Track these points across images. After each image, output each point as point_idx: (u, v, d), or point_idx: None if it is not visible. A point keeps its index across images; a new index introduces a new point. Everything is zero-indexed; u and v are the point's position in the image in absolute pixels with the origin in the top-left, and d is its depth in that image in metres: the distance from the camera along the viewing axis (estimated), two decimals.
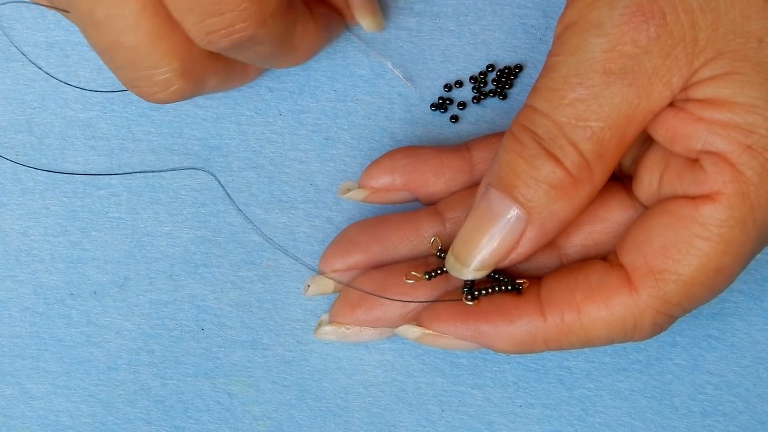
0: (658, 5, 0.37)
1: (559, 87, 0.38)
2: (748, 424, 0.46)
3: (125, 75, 0.40)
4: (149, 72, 0.39)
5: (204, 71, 0.41)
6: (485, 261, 0.40)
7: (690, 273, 0.38)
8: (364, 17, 0.46)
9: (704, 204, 0.38)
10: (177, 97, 0.41)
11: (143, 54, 0.38)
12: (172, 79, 0.40)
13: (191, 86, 0.41)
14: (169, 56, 0.39)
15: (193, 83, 0.41)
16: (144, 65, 0.39)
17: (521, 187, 0.39)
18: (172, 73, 0.39)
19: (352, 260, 0.44)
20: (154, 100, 0.41)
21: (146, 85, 0.40)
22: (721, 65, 0.37)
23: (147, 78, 0.39)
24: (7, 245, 0.47)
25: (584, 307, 0.40)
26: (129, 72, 0.39)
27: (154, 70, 0.39)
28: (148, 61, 0.39)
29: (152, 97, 0.41)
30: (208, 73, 0.41)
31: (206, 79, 0.41)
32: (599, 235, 0.42)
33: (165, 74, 0.39)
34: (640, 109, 0.38)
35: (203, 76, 0.41)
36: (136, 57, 0.39)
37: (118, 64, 0.39)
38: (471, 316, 0.41)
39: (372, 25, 0.47)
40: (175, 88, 0.40)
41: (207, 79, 0.41)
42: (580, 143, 0.38)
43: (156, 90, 0.40)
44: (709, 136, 0.37)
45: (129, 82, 0.40)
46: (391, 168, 0.44)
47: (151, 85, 0.40)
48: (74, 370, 0.47)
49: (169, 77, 0.40)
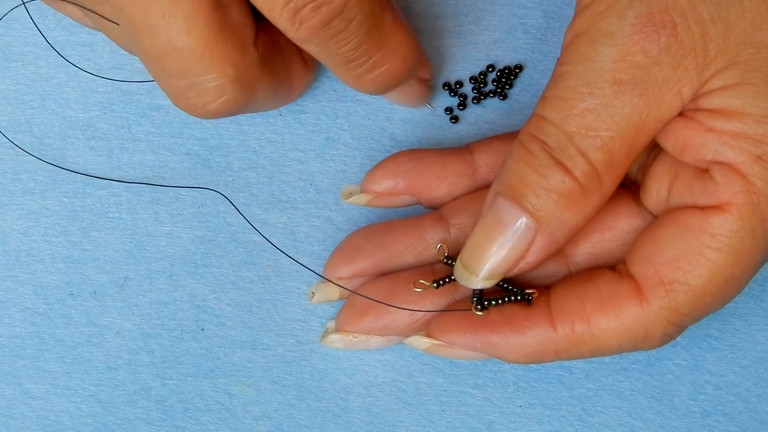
0: (668, 15, 0.37)
1: (569, 97, 0.38)
2: (748, 424, 0.46)
3: (176, 84, 0.38)
4: (201, 78, 0.38)
5: (256, 81, 0.40)
6: (494, 270, 0.40)
7: (700, 283, 0.38)
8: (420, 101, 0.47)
9: (714, 214, 0.38)
10: (229, 108, 0.39)
11: (197, 58, 0.37)
12: (225, 87, 0.38)
13: (243, 96, 0.39)
14: (223, 61, 0.38)
15: (245, 93, 0.39)
16: (197, 71, 0.38)
17: (530, 196, 0.39)
18: (225, 79, 0.38)
19: (357, 267, 0.44)
20: (205, 112, 0.39)
21: (197, 95, 0.39)
22: (732, 75, 0.37)
23: (199, 85, 0.38)
24: (7, 245, 0.47)
25: (595, 318, 0.40)
26: (180, 80, 0.38)
27: (206, 76, 0.38)
28: (201, 66, 0.38)
29: (203, 109, 0.39)
30: (260, 85, 0.40)
31: (257, 90, 0.40)
32: (607, 243, 0.42)
33: (217, 81, 0.38)
34: (650, 119, 0.38)
35: (255, 86, 0.40)
36: (189, 61, 0.37)
37: (169, 71, 0.38)
38: (481, 327, 0.41)
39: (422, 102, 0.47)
40: (227, 98, 0.39)
41: (258, 91, 0.40)
42: (589, 153, 0.38)
43: (208, 100, 0.39)
44: (719, 146, 0.37)
45: (179, 92, 0.39)
46: (394, 172, 0.44)
47: (203, 94, 0.38)
48: (74, 370, 0.47)
49: (222, 84, 0.38)
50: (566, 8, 0.48)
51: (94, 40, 0.48)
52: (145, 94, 0.48)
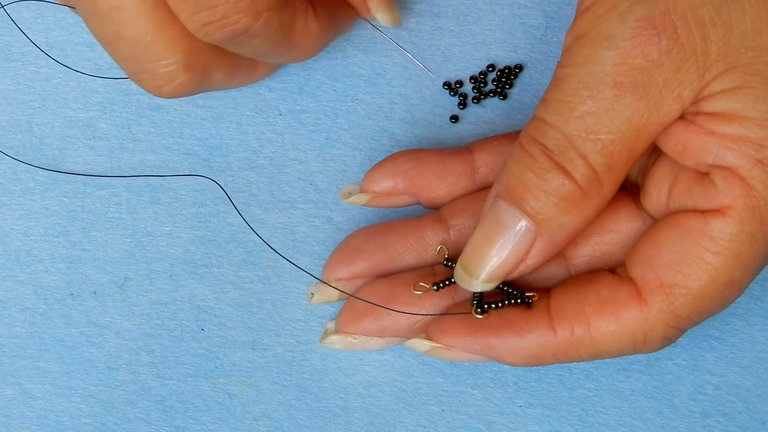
0: (669, 18, 0.37)
1: (569, 99, 0.38)
2: (748, 424, 0.46)
3: (129, 67, 0.40)
4: (152, 65, 0.39)
5: (209, 65, 0.41)
6: (494, 272, 0.40)
7: (700, 287, 0.38)
8: (380, 11, 0.46)
9: (714, 218, 0.38)
10: (182, 91, 0.40)
11: (145, 46, 0.38)
12: (176, 72, 0.39)
13: (196, 80, 0.40)
14: (172, 48, 0.39)
15: (197, 76, 0.40)
16: (147, 58, 0.39)
17: (530, 199, 0.39)
18: (175, 65, 0.39)
19: (356, 269, 0.44)
20: (159, 93, 0.40)
21: (150, 78, 0.40)
22: (733, 79, 0.37)
23: (150, 71, 0.39)
24: (7, 245, 0.47)
25: (594, 321, 0.40)
26: (132, 65, 0.39)
27: (157, 63, 0.39)
28: (151, 53, 0.39)
29: (157, 91, 0.40)
30: (213, 68, 0.41)
31: (211, 73, 0.41)
32: (607, 246, 0.42)
33: (168, 67, 0.39)
34: (651, 122, 0.38)
35: (208, 70, 0.41)
36: (138, 49, 0.38)
37: (121, 57, 0.39)
38: (480, 330, 0.41)
39: (389, 19, 0.46)
40: (179, 82, 0.40)
41: (212, 73, 0.41)
42: (589, 156, 0.38)
43: (160, 83, 0.40)
44: (719, 150, 0.37)
45: (134, 74, 0.40)
46: (393, 172, 0.44)
47: (155, 78, 0.40)
48: (74, 370, 0.47)
49: (173, 70, 0.39)
50: (566, 8, 0.48)
51: (94, 40, 0.48)
52: (145, 94, 0.48)
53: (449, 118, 0.48)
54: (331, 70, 0.48)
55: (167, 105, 0.48)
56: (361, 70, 0.48)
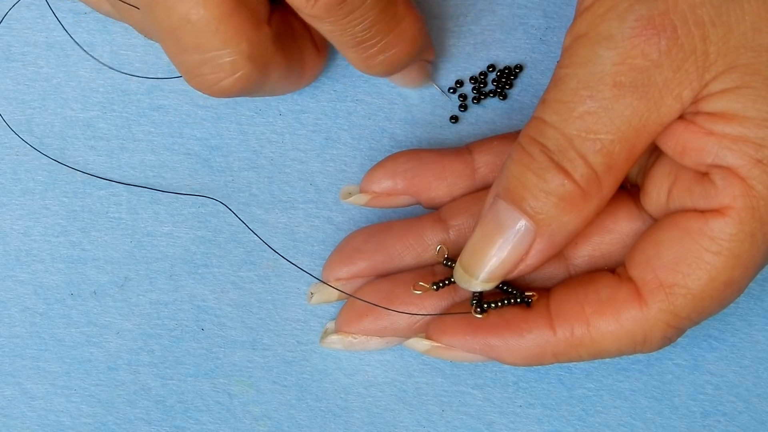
0: (668, 18, 0.37)
1: (569, 99, 0.38)
2: (748, 424, 0.46)
3: (190, 59, 0.39)
4: (216, 53, 0.38)
5: (270, 59, 0.40)
6: (494, 272, 0.40)
7: (699, 287, 0.39)
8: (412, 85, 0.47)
9: (714, 218, 0.38)
10: (242, 85, 0.40)
11: (212, 32, 0.38)
12: (239, 63, 0.39)
13: (257, 73, 0.40)
14: (238, 36, 0.38)
15: (258, 70, 0.40)
16: (212, 45, 0.38)
17: (530, 199, 0.39)
18: (239, 55, 0.39)
19: (356, 268, 0.44)
20: (218, 89, 0.40)
21: (211, 71, 0.39)
22: (732, 79, 0.37)
23: (213, 60, 0.39)
24: (7, 245, 0.47)
25: (594, 321, 0.40)
26: (194, 55, 0.38)
27: (221, 51, 0.38)
28: (216, 40, 0.38)
29: (216, 86, 0.40)
30: (272, 64, 0.40)
31: (270, 69, 0.40)
32: (607, 246, 0.42)
33: (232, 56, 0.39)
34: (650, 122, 0.38)
35: (269, 64, 0.40)
36: (204, 35, 0.38)
37: (183, 46, 0.38)
38: (480, 329, 0.41)
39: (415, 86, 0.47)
40: (240, 74, 0.39)
41: (271, 70, 0.40)
42: (589, 156, 0.38)
43: (222, 76, 0.39)
44: (719, 150, 0.37)
45: (194, 67, 0.39)
46: (393, 172, 0.44)
47: (217, 69, 0.39)
48: (74, 370, 0.47)
49: (236, 60, 0.39)
50: (566, 8, 0.48)
51: (95, 40, 0.48)
52: (145, 94, 0.48)
53: (449, 118, 0.48)
54: (331, 70, 0.48)
55: (167, 105, 0.48)
56: None
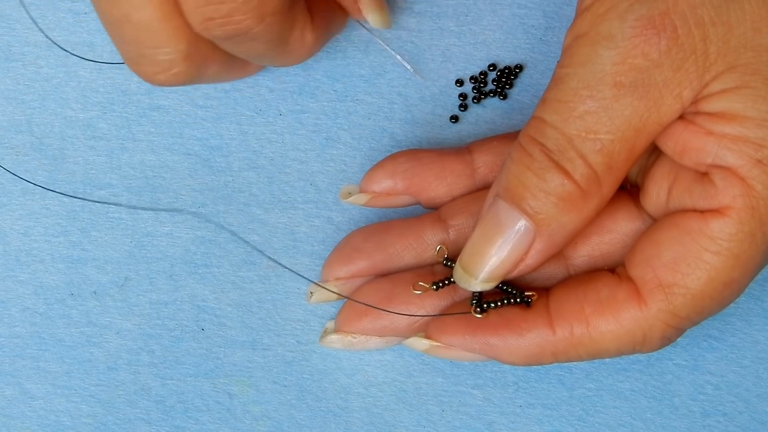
0: (669, 18, 0.37)
1: (569, 99, 0.38)
2: (748, 424, 0.46)
3: (129, 50, 0.39)
4: (153, 51, 0.39)
5: (206, 57, 0.40)
6: (493, 272, 0.40)
7: (699, 287, 0.39)
8: (371, 12, 0.45)
9: (714, 218, 0.38)
10: (177, 80, 0.40)
11: (151, 31, 0.38)
12: (175, 61, 0.39)
13: (193, 70, 0.40)
14: (176, 37, 0.38)
15: (195, 68, 0.40)
16: (150, 43, 0.38)
17: (529, 199, 0.39)
18: (176, 54, 0.39)
19: (355, 268, 0.44)
20: (154, 81, 0.40)
21: (148, 65, 0.39)
22: (732, 79, 0.37)
23: (150, 57, 0.39)
24: (7, 245, 0.47)
25: (593, 320, 0.40)
26: (133, 48, 0.39)
27: (158, 49, 0.38)
28: (155, 39, 0.38)
29: (152, 78, 0.40)
30: (210, 61, 0.41)
31: (208, 66, 0.41)
32: (607, 246, 0.42)
33: (169, 55, 0.39)
34: (650, 121, 0.38)
35: (205, 62, 0.40)
36: (143, 34, 0.38)
37: (124, 39, 0.39)
38: (480, 329, 0.41)
39: (379, 21, 0.46)
40: (176, 71, 0.39)
41: (208, 66, 0.41)
42: (589, 156, 0.38)
43: (157, 71, 0.39)
44: (719, 150, 0.37)
45: (132, 58, 0.39)
46: (393, 172, 0.44)
47: (153, 65, 0.39)
48: (74, 370, 0.47)
49: (173, 59, 0.39)
50: (566, 8, 0.48)
51: (95, 40, 0.48)
52: (145, 94, 0.48)
53: (449, 118, 0.48)
54: (331, 70, 0.48)
55: (167, 105, 0.48)
56: (361, 70, 0.48)
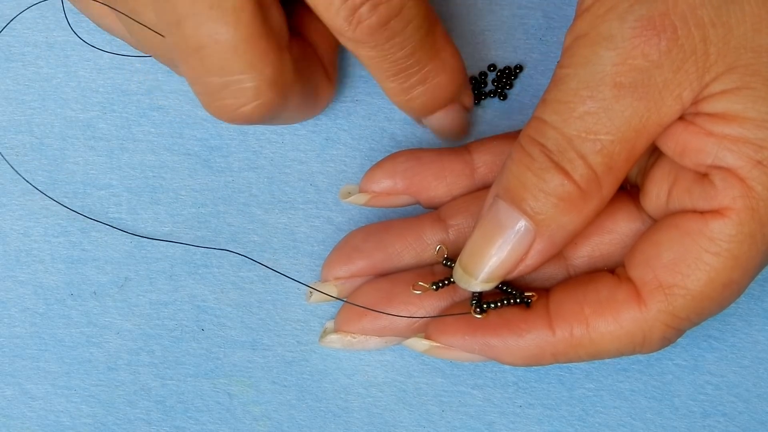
0: (669, 19, 0.37)
1: (569, 100, 0.38)
2: (748, 424, 0.46)
3: (212, 82, 0.38)
4: (240, 77, 0.38)
5: (290, 87, 0.39)
6: (493, 272, 0.40)
7: (699, 288, 0.39)
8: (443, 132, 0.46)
9: (713, 219, 0.38)
10: (262, 112, 0.39)
11: (239, 54, 0.37)
12: (262, 89, 0.38)
13: (277, 100, 0.39)
14: (263, 61, 0.38)
15: (279, 97, 0.39)
16: (236, 68, 0.37)
17: (529, 199, 0.39)
18: (262, 81, 0.38)
19: (355, 267, 0.44)
20: (237, 115, 0.39)
21: (232, 96, 0.38)
22: (732, 80, 0.37)
23: (235, 84, 0.38)
24: (7, 245, 0.47)
25: (593, 321, 0.40)
26: (217, 77, 0.38)
27: (245, 75, 0.38)
28: (242, 62, 0.37)
29: (236, 112, 0.39)
30: (292, 91, 0.40)
31: (290, 97, 0.40)
32: (606, 247, 0.42)
33: (255, 81, 0.38)
34: (650, 122, 0.38)
35: (289, 92, 0.40)
36: (229, 57, 0.37)
37: (207, 67, 0.37)
38: (479, 329, 0.41)
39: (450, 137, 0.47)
40: (261, 101, 0.38)
41: (290, 98, 0.40)
42: (589, 156, 0.38)
43: (243, 102, 0.38)
44: (719, 150, 0.37)
45: (214, 91, 0.38)
46: (392, 172, 0.44)
47: (238, 95, 0.38)
48: (74, 370, 0.47)
49: (259, 86, 0.38)
50: (566, 8, 0.48)
51: (94, 41, 0.48)
52: (145, 94, 0.48)
53: None
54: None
55: (167, 105, 0.48)
56: (361, 70, 0.48)
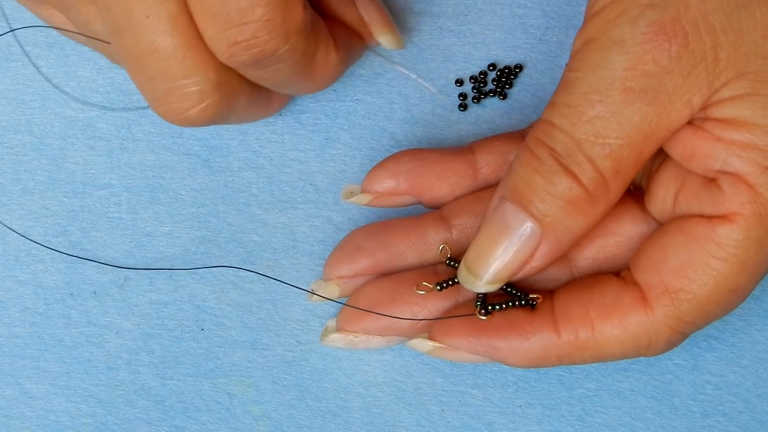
0: (680, 24, 0.37)
1: (578, 103, 0.38)
2: (748, 424, 0.46)
3: (156, 87, 0.38)
4: (183, 82, 0.38)
5: (236, 88, 0.39)
6: (498, 274, 0.40)
7: (705, 292, 0.39)
8: (382, 34, 0.45)
9: (721, 224, 0.38)
10: (208, 115, 0.39)
11: (179, 60, 0.37)
12: (206, 92, 0.38)
13: (224, 102, 0.39)
14: (205, 65, 0.37)
15: (225, 98, 0.39)
16: (178, 73, 0.37)
17: (537, 201, 0.39)
18: (206, 84, 0.38)
19: (357, 267, 0.44)
20: (184, 118, 0.39)
21: (177, 100, 0.38)
22: (742, 86, 0.37)
23: (179, 90, 0.38)
24: (7, 245, 0.47)
25: (599, 324, 0.40)
26: (161, 83, 0.38)
27: (188, 80, 0.37)
28: (184, 68, 0.37)
29: (182, 115, 0.39)
30: (239, 92, 0.40)
31: (237, 97, 0.40)
32: (611, 249, 0.42)
33: (199, 85, 0.38)
34: (659, 127, 0.38)
35: (235, 93, 0.39)
36: (171, 63, 0.37)
37: (150, 73, 0.37)
38: (484, 331, 0.41)
39: (391, 42, 0.46)
40: (207, 104, 0.38)
41: (238, 97, 0.40)
42: (597, 160, 0.38)
43: (188, 105, 0.38)
44: (727, 156, 0.37)
45: (160, 97, 0.38)
46: (395, 172, 0.44)
47: (183, 99, 0.38)
48: (74, 370, 0.47)
49: (203, 89, 0.38)
50: (566, 8, 0.48)
51: None
52: None
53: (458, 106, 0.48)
54: None
55: None
56: (361, 70, 0.48)
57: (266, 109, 0.44)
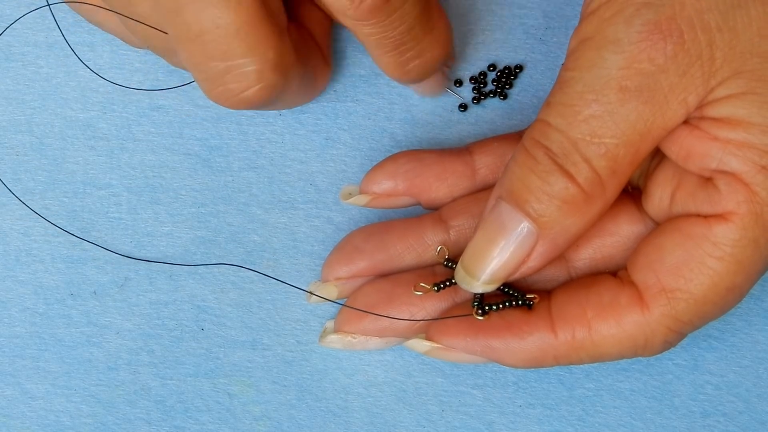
0: (675, 23, 0.37)
1: (574, 103, 0.38)
2: (748, 424, 0.46)
3: (214, 67, 0.38)
4: (242, 61, 0.38)
5: (291, 69, 0.40)
6: (495, 274, 0.40)
7: (702, 292, 0.39)
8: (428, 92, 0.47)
9: (717, 223, 0.38)
10: (264, 95, 0.39)
11: (241, 37, 0.37)
12: (265, 72, 0.38)
13: (280, 83, 0.39)
14: (264, 44, 0.38)
15: (281, 80, 0.39)
16: (239, 51, 0.38)
17: (533, 201, 0.39)
18: (265, 63, 0.38)
19: (356, 268, 0.44)
20: (241, 99, 0.39)
21: (235, 80, 0.38)
22: (738, 85, 0.37)
23: (238, 68, 0.38)
24: (7, 245, 0.47)
25: (595, 324, 0.40)
26: (220, 62, 0.38)
27: (247, 59, 0.38)
28: (245, 46, 0.37)
29: (239, 96, 0.39)
30: (293, 74, 0.40)
31: (291, 80, 0.40)
32: (608, 249, 0.42)
33: (257, 64, 0.38)
34: (655, 126, 0.38)
35: (290, 74, 0.40)
36: (232, 41, 0.37)
37: (209, 52, 0.38)
38: (481, 331, 0.41)
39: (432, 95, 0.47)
40: (264, 84, 0.39)
41: (291, 80, 0.40)
42: (593, 160, 0.38)
43: (246, 85, 0.38)
44: (724, 155, 0.37)
45: (215, 76, 0.38)
46: (394, 173, 0.44)
47: (241, 78, 0.38)
48: (74, 370, 0.47)
49: (261, 69, 0.38)
50: (566, 8, 0.48)
51: (94, 40, 0.48)
52: (145, 94, 0.48)
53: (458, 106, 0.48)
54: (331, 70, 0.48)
55: (167, 105, 0.48)
56: (361, 70, 0.48)
57: (312, 93, 0.45)
